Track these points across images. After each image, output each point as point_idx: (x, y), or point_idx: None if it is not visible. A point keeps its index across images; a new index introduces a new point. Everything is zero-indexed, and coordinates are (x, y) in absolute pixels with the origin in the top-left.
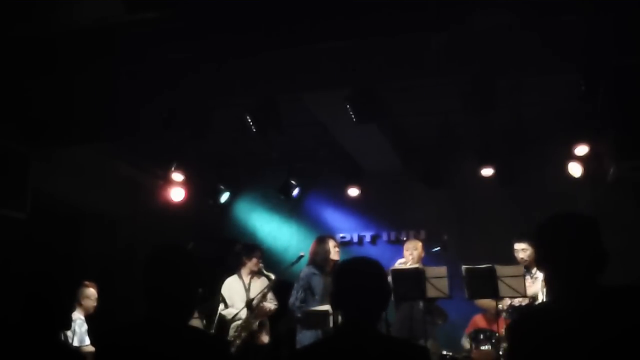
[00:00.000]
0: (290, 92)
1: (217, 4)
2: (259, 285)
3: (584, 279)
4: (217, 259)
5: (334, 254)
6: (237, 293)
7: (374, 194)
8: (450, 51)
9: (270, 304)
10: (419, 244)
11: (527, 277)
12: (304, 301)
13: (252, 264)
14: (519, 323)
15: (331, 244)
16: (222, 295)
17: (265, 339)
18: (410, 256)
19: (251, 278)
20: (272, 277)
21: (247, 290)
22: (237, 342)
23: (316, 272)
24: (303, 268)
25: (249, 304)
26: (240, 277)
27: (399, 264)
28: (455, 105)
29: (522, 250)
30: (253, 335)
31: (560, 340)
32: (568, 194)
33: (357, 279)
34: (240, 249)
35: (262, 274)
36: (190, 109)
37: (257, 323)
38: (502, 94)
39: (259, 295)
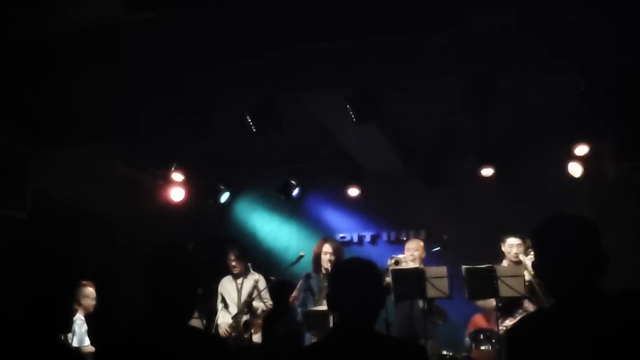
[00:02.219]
0: (290, 92)
1: (217, 4)
2: (250, 285)
3: (585, 283)
4: (217, 259)
5: (325, 261)
6: (229, 293)
7: (374, 194)
8: (450, 51)
9: (262, 303)
10: (421, 244)
11: None
12: (303, 303)
13: (230, 266)
14: (517, 328)
15: (324, 248)
16: (220, 294)
17: (255, 338)
18: (411, 256)
19: (244, 278)
20: (257, 277)
21: (239, 290)
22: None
23: (312, 273)
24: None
25: (248, 306)
26: (234, 277)
27: (400, 257)
28: (455, 105)
29: (517, 245)
30: (242, 335)
31: (558, 346)
32: (568, 194)
33: (351, 280)
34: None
35: (249, 273)
36: (190, 109)
37: (243, 322)
38: (502, 94)
39: (249, 297)
